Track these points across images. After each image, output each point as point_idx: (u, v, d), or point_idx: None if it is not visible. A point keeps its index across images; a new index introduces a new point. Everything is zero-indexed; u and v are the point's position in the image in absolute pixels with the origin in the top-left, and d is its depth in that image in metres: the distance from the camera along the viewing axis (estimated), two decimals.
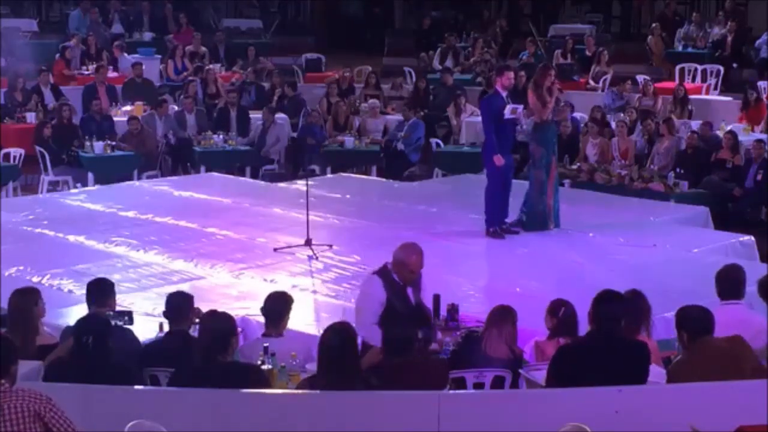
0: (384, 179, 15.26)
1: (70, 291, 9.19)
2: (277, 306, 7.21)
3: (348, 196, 13.39)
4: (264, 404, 5.87)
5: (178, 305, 7.02)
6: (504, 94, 11.29)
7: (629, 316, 6.53)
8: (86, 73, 19.12)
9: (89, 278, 7.79)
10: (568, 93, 17.63)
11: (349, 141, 16.28)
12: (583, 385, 5.87)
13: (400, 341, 6.38)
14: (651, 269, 10.05)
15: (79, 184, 14.76)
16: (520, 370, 6.84)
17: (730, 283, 7.28)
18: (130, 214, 12.24)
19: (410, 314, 7.24)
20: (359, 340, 6.69)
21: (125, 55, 20.07)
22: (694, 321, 6.35)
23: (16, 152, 14.92)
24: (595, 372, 5.98)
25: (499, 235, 11.34)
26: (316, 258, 10.43)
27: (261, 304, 7.35)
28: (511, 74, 11.52)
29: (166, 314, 7.08)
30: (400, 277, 7.30)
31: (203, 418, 5.70)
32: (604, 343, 6.12)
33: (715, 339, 6.34)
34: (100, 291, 7.24)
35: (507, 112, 11.12)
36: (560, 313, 7.10)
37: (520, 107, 11.29)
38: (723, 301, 7.23)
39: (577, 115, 16.74)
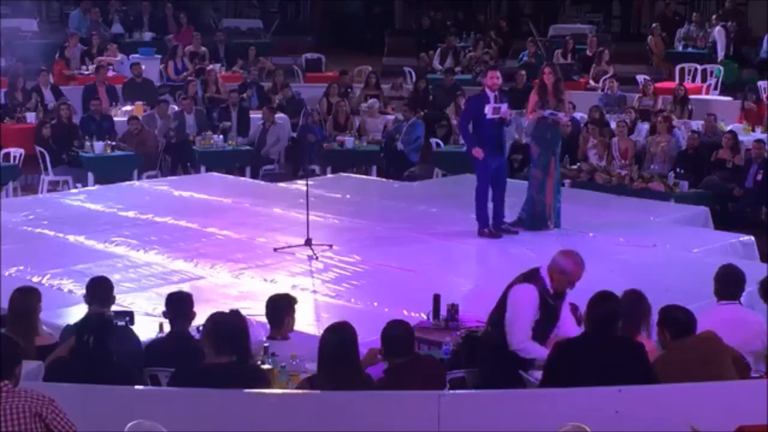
0: (384, 179, 15.26)
1: (70, 291, 9.18)
2: (278, 309, 7.14)
3: (348, 196, 13.38)
4: (264, 404, 5.86)
5: (178, 304, 7.01)
6: (492, 95, 11.20)
7: (628, 316, 6.54)
8: (86, 73, 19.12)
9: (89, 278, 7.77)
10: (568, 93, 17.58)
11: (349, 141, 16.28)
12: (577, 384, 5.87)
13: (401, 341, 6.36)
14: (651, 269, 10.05)
15: (79, 184, 14.75)
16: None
17: (727, 283, 7.25)
18: (130, 214, 12.23)
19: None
20: None
21: (125, 55, 20.08)
22: (676, 321, 6.34)
23: (16, 152, 14.91)
24: (589, 371, 5.97)
25: (494, 235, 11.32)
26: (316, 258, 10.42)
27: (261, 304, 7.33)
28: (495, 74, 11.36)
29: (165, 314, 7.08)
30: (554, 284, 6.80)
31: (203, 418, 5.70)
32: (598, 343, 6.11)
33: (691, 338, 6.33)
34: (99, 290, 7.22)
35: (488, 111, 11.06)
36: None
37: (504, 106, 11.19)
38: (719, 301, 7.22)
39: (577, 115, 16.72)
